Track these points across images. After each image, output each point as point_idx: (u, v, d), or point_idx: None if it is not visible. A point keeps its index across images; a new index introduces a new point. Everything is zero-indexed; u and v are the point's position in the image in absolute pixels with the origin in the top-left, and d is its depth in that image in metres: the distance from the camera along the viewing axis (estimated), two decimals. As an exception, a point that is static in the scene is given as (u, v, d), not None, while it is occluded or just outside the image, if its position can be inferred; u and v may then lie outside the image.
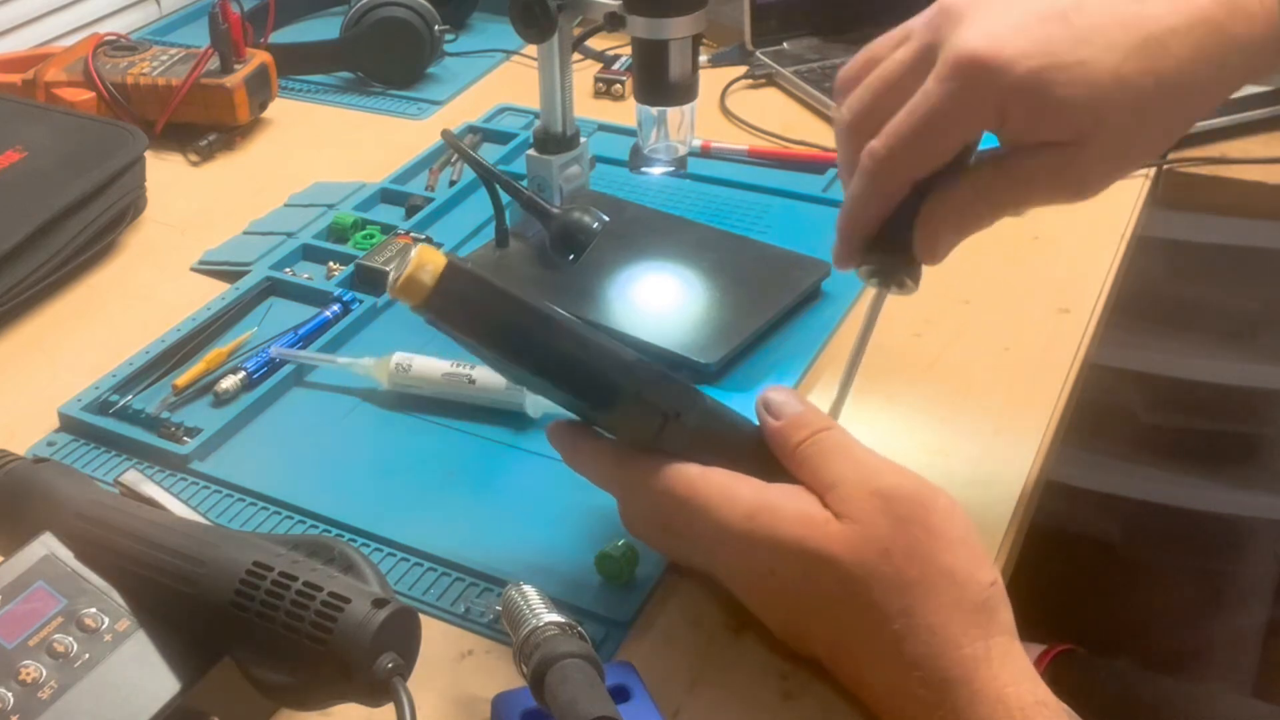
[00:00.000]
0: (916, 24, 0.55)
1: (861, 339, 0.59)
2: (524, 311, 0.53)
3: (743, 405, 0.58)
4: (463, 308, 0.52)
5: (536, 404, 0.71)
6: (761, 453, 0.55)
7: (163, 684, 0.47)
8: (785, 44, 1.15)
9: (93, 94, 1.02)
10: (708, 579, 0.59)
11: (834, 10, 1.17)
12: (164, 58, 1.05)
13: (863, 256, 0.57)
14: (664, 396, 0.54)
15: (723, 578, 0.57)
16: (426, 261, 0.51)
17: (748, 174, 0.97)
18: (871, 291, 0.58)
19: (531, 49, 0.88)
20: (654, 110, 0.78)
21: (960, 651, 0.49)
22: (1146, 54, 0.51)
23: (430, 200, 0.93)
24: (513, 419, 0.71)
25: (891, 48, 0.55)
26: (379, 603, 0.46)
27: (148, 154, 0.94)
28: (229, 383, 0.73)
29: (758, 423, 0.56)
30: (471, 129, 1.05)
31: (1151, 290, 1.14)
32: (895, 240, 0.55)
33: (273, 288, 0.84)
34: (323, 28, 1.27)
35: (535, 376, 0.54)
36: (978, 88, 0.51)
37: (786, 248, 0.84)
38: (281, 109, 1.10)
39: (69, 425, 0.72)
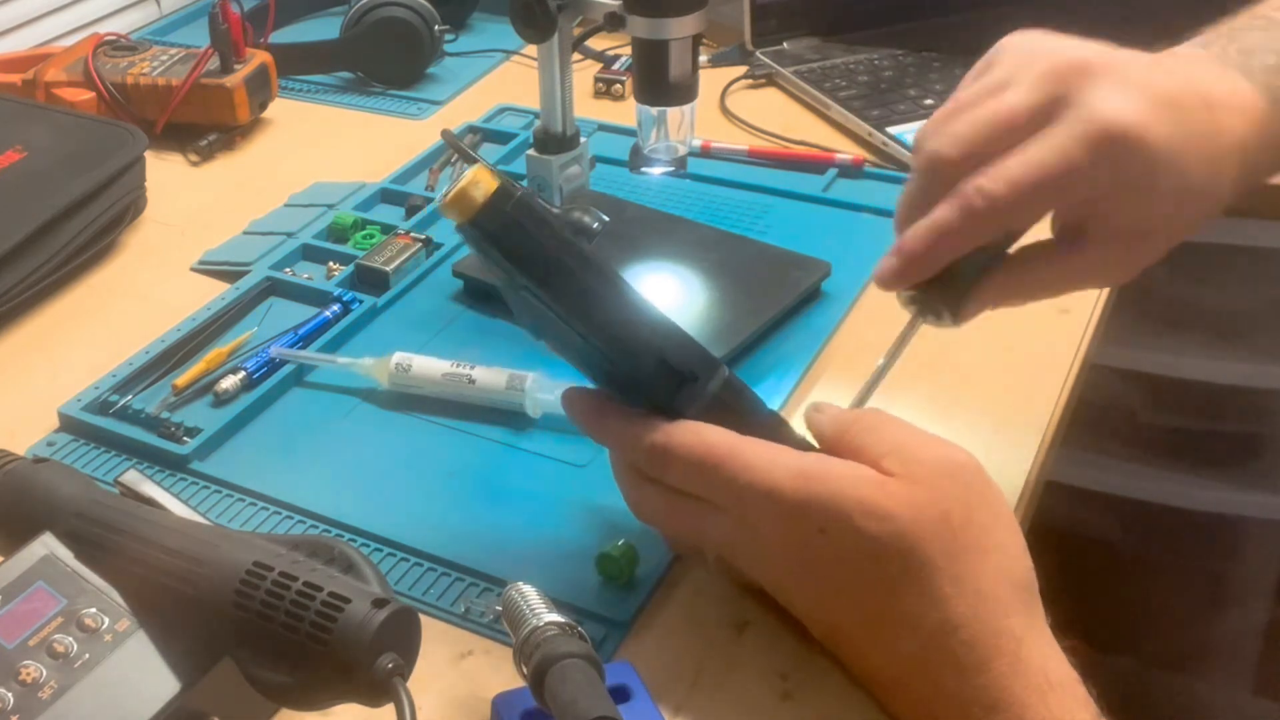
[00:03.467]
0: (1031, 71, 0.54)
1: (888, 360, 0.59)
2: (566, 247, 0.53)
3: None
4: (508, 231, 0.52)
5: (536, 404, 0.71)
6: (778, 435, 0.54)
7: (163, 684, 0.47)
8: (785, 44, 1.15)
9: (93, 94, 1.02)
10: (708, 576, 0.59)
11: (834, 10, 1.17)
12: (164, 58, 1.05)
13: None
14: (685, 358, 0.54)
15: (746, 548, 0.54)
16: (480, 179, 0.52)
17: (748, 174, 0.97)
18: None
19: (531, 49, 0.88)
20: (654, 110, 0.78)
21: (1008, 620, 0.49)
22: (1225, 161, 0.54)
23: (430, 200, 0.93)
24: (513, 419, 0.71)
25: (988, 92, 0.55)
26: (379, 603, 0.46)
27: (148, 154, 0.94)
28: (229, 383, 0.73)
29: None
30: (471, 129, 1.05)
31: (1151, 290, 1.14)
32: (944, 274, 0.56)
33: (273, 288, 0.84)
34: (323, 28, 1.27)
35: (564, 317, 0.53)
36: (1121, 160, 0.51)
37: (786, 248, 0.84)
38: (281, 109, 1.10)
39: (69, 425, 0.72)
